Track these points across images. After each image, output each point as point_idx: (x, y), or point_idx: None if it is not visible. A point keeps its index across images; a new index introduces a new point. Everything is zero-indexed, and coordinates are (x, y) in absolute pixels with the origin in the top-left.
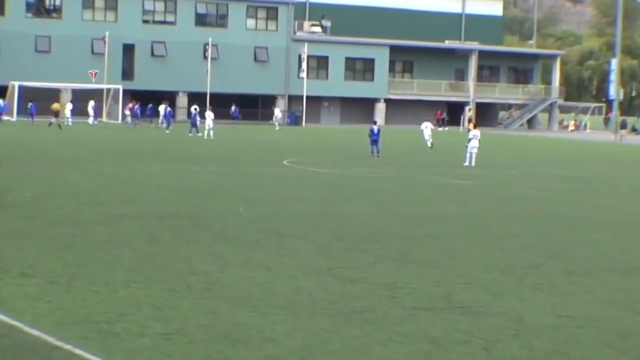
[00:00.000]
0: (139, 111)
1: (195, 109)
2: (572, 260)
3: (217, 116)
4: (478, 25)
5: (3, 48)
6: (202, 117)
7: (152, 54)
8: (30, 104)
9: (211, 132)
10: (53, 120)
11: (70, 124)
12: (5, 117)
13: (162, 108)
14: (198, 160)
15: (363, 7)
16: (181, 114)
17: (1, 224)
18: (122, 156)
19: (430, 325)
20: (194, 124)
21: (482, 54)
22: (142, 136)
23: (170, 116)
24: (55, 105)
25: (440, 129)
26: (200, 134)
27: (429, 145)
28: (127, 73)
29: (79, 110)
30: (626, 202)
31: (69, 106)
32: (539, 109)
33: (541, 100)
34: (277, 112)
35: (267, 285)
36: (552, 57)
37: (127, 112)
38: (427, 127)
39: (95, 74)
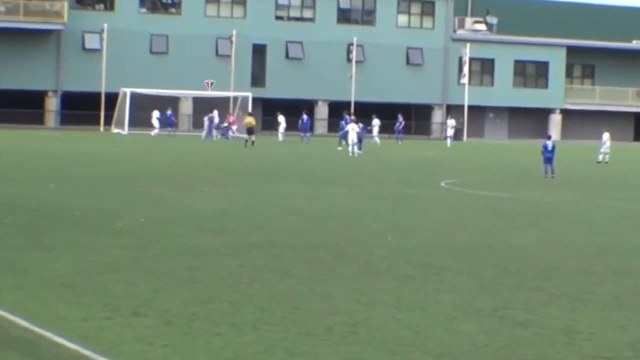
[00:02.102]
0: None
1: (349, 115)
2: None
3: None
4: None
5: (113, 49)
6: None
7: (287, 56)
8: (169, 112)
9: (356, 148)
10: (247, 137)
11: (153, 134)
12: (115, 130)
13: (282, 119)
14: (340, 181)
15: (535, 2)
16: (321, 127)
17: (110, 255)
18: (248, 175)
19: None
20: (343, 136)
21: None
22: (272, 152)
23: (308, 127)
24: (249, 120)
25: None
26: (340, 148)
27: (600, 159)
28: (258, 78)
29: (201, 122)
30: None
31: (155, 114)
32: None
33: None
34: (450, 124)
35: (421, 328)
36: None
37: (226, 124)
38: (607, 139)
39: (212, 83)
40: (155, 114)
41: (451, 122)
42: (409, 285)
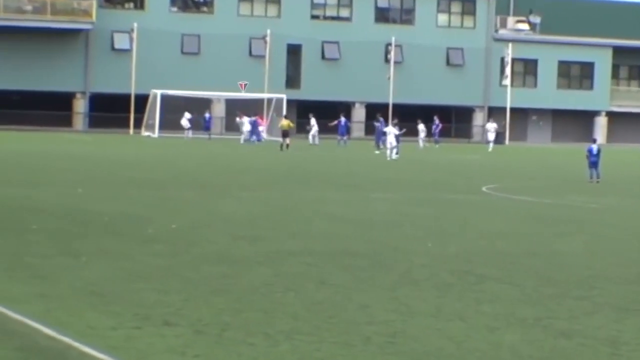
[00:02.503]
0: (345, 126)
1: (382, 117)
2: None
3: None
4: None
5: (143, 49)
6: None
7: (323, 57)
8: (207, 115)
9: (394, 152)
10: (281, 140)
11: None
12: (145, 133)
13: (314, 122)
14: (377, 185)
15: (580, 0)
16: (357, 130)
17: (141, 262)
18: (283, 180)
19: None
20: (379, 139)
21: None
22: (308, 156)
23: (346, 130)
24: (284, 122)
25: None
26: (378, 152)
27: None
28: (292, 80)
29: (234, 125)
30: None
31: (186, 116)
32: None
33: None
34: (490, 127)
35: (461, 339)
36: None
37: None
38: None
39: (246, 85)
40: (187, 115)
41: (492, 125)
42: (449, 294)
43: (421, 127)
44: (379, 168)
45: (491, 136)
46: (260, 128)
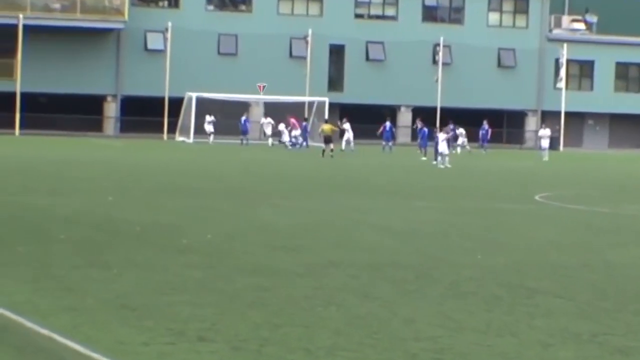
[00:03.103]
0: (390, 131)
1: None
2: None
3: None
4: None
5: (177, 50)
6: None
7: (367, 58)
8: (244, 118)
9: (446, 159)
10: (324, 146)
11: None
12: (180, 138)
13: (347, 126)
14: (424, 194)
15: None
16: (403, 135)
17: (174, 274)
18: (324, 188)
19: None
20: (424, 144)
21: None
22: (351, 162)
23: (390, 136)
24: (327, 127)
25: None
26: (425, 158)
27: None
28: (335, 82)
29: (275, 129)
30: None
31: (207, 119)
32: None
33: None
34: (544, 134)
35: (512, 356)
36: None
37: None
38: None
39: (264, 87)
40: (208, 118)
41: (545, 132)
42: (499, 308)
43: (460, 131)
44: (426, 175)
45: (545, 143)
46: (295, 133)
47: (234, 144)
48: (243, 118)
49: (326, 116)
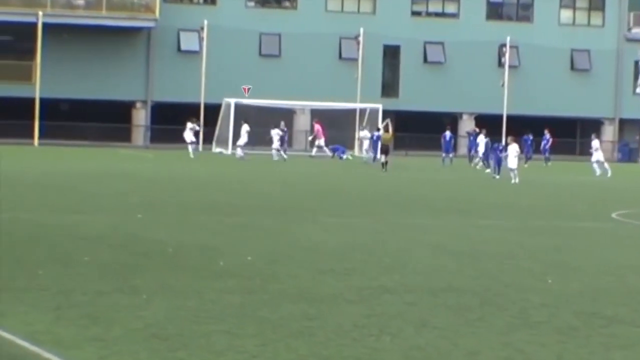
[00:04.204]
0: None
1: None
2: None
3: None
4: None
5: (214, 51)
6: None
7: (425, 60)
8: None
9: (514, 173)
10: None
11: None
12: (217, 149)
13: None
14: (489, 211)
15: None
16: (465, 145)
17: (210, 300)
18: (377, 204)
19: None
20: (497, 161)
21: None
22: (406, 176)
23: (451, 146)
24: (388, 136)
25: None
26: (489, 170)
27: None
28: (389, 87)
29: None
30: None
31: (188, 126)
32: None
33: None
34: (596, 146)
35: None
36: None
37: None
38: None
39: (249, 89)
40: (189, 125)
41: (595, 143)
42: (573, 339)
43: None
44: (489, 190)
45: (598, 156)
46: (319, 141)
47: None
48: (282, 127)
49: (380, 124)
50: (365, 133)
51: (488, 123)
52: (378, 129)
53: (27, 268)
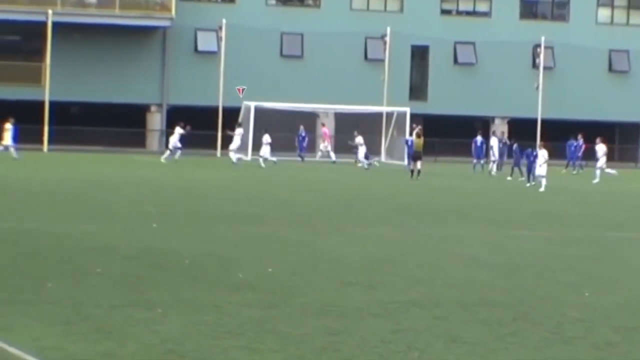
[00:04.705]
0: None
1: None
2: None
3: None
4: None
5: (233, 51)
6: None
7: (455, 61)
8: (301, 131)
9: (542, 181)
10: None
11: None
12: (236, 155)
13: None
14: (523, 221)
15: None
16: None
17: (229, 315)
18: (404, 213)
19: None
20: (529, 168)
21: None
22: (435, 183)
23: (482, 152)
24: (420, 142)
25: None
26: (523, 178)
27: None
28: (417, 89)
29: (343, 145)
30: None
31: (266, 139)
32: None
33: None
34: (601, 150)
35: None
36: None
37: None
38: None
39: (243, 90)
40: (178, 130)
41: (602, 148)
42: (611, 355)
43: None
44: (523, 199)
45: (602, 162)
46: (322, 146)
47: (293, 162)
48: (301, 132)
49: (407, 128)
50: (360, 139)
51: (521, 127)
52: (411, 134)
53: (35, 280)
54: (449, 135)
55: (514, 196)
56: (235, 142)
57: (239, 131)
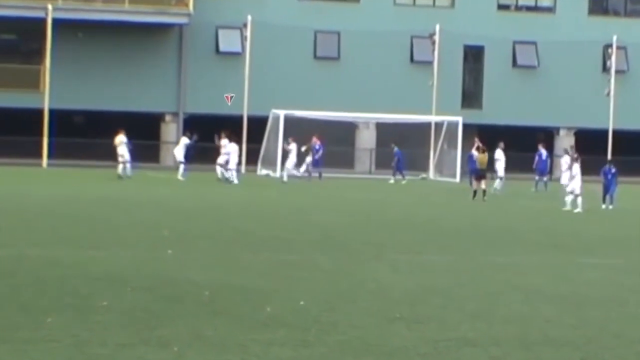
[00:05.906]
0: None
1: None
2: None
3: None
4: None
5: (259, 52)
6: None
7: (514, 64)
8: (316, 144)
9: (576, 199)
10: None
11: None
12: (263, 171)
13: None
14: (594, 248)
15: None
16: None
17: (256, 354)
18: (457, 239)
19: None
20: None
21: None
22: (491, 205)
23: (546, 167)
24: (484, 158)
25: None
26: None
27: None
28: (471, 96)
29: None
30: None
31: (183, 141)
32: None
33: None
34: (565, 162)
35: None
36: None
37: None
38: None
39: (232, 97)
40: (184, 140)
41: (565, 159)
42: None
43: (565, 159)
44: (592, 221)
45: (566, 178)
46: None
47: (333, 178)
48: (316, 143)
49: (459, 139)
50: (292, 146)
51: (590, 139)
52: (477, 148)
53: (34, 315)
54: (506, 148)
55: (581, 218)
56: (291, 160)
57: (293, 146)
